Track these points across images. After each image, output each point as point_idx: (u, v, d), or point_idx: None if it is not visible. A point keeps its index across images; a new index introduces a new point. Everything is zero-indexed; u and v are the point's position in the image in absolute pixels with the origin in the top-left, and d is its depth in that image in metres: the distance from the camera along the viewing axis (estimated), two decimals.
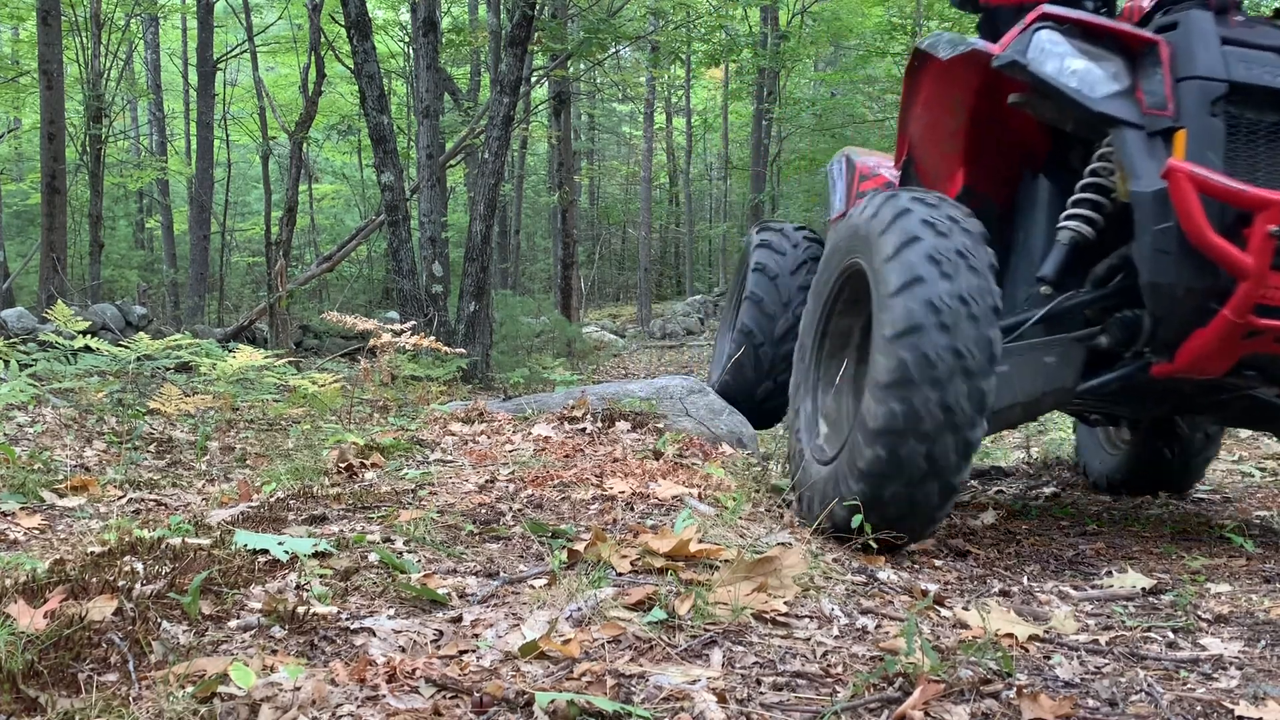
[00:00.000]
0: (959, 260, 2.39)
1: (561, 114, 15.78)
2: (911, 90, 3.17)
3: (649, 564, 2.02)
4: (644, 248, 22.36)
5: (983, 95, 2.91)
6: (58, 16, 11.24)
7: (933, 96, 3.09)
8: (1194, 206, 2.32)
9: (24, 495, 3.11)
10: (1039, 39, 2.60)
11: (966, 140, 3.03)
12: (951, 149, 3.09)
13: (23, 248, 18.33)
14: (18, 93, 15.98)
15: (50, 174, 10.66)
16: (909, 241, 2.41)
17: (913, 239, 2.41)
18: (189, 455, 4.27)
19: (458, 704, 1.35)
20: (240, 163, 24.66)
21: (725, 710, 1.37)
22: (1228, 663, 1.76)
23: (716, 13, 14.13)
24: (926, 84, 3.09)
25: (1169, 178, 2.37)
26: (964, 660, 1.60)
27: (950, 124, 3.06)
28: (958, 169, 3.08)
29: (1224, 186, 2.33)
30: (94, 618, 1.52)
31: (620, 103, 27.40)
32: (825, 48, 21.73)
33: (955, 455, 2.33)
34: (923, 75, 3.09)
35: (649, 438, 3.52)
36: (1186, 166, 2.34)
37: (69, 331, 5.23)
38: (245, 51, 15.51)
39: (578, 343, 13.65)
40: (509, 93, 8.46)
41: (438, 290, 8.60)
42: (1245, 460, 4.61)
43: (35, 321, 8.67)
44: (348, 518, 2.34)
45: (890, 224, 2.48)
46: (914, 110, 3.20)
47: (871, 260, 2.52)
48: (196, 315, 13.87)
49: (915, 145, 3.29)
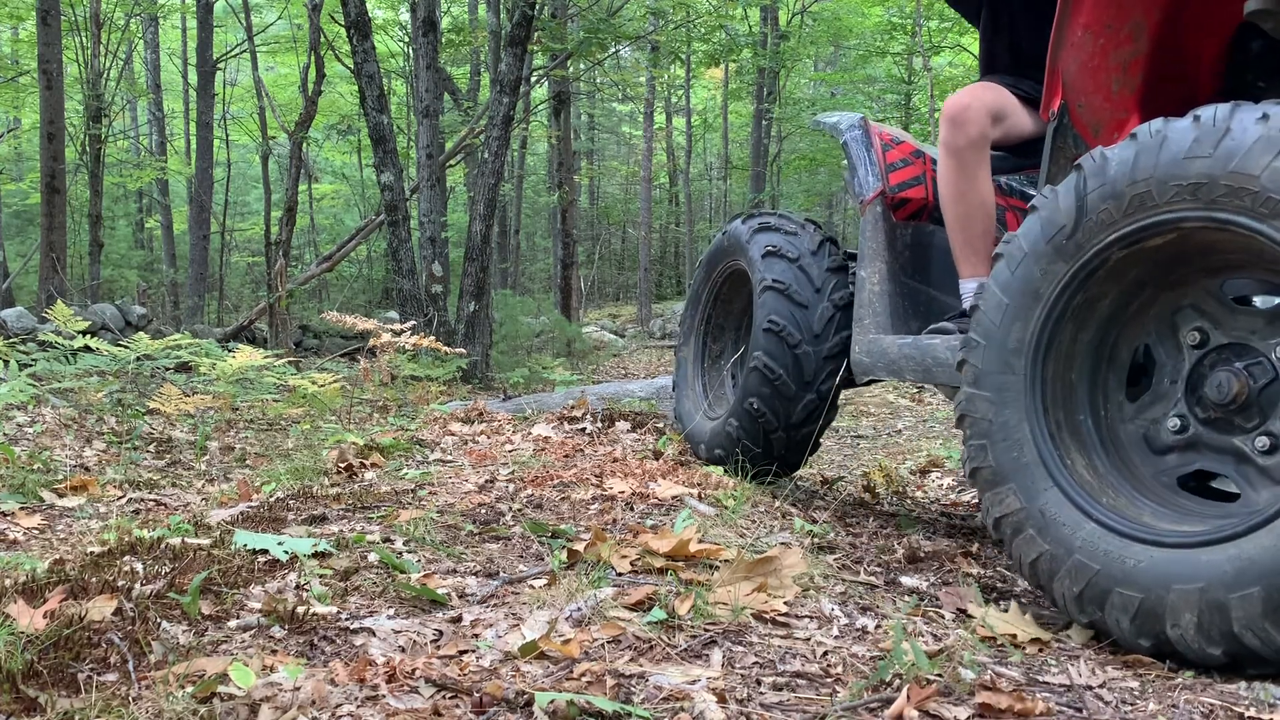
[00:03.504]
0: None
1: (561, 114, 15.79)
2: (1069, 10, 2.34)
3: (649, 564, 2.02)
4: (644, 248, 22.36)
5: (1173, 9, 2.23)
6: (57, 16, 11.24)
7: (1103, 14, 2.32)
8: None
9: (24, 495, 3.11)
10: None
11: (1146, 73, 2.30)
12: (1124, 86, 2.35)
13: (23, 248, 18.34)
14: (17, 93, 15.99)
15: (50, 174, 10.66)
16: None
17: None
18: (189, 455, 4.27)
19: (457, 704, 1.34)
20: (240, 163, 24.67)
21: (725, 710, 1.37)
22: None
23: (716, 13, 14.13)
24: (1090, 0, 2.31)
25: None
26: (961, 661, 1.60)
27: (1125, 52, 2.32)
28: (1132, 114, 2.37)
29: None
30: (94, 618, 1.51)
31: (620, 103, 27.42)
32: (825, 48, 21.75)
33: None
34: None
35: (649, 438, 3.52)
36: None
37: (69, 331, 5.23)
38: (245, 51, 15.51)
39: (578, 343, 13.65)
40: (509, 92, 8.46)
41: (438, 290, 8.60)
42: None
43: (35, 321, 8.67)
44: (347, 518, 2.34)
45: None
46: (1071, 36, 2.37)
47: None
48: (196, 315, 13.88)
49: (1070, 85, 2.46)
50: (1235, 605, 1.59)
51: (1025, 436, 1.99)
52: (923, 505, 3.54)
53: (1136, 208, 1.86)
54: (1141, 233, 1.87)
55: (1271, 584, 1.56)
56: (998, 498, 2.02)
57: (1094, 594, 1.80)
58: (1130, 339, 2.05)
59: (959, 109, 2.81)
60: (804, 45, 19.54)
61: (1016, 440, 2.00)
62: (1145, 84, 2.31)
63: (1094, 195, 1.93)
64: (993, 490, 2.03)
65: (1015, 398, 2.02)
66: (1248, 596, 1.58)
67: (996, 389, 2.06)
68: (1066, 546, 1.86)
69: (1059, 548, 1.87)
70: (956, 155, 2.81)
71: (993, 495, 2.03)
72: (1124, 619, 1.74)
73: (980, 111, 2.79)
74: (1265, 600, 1.56)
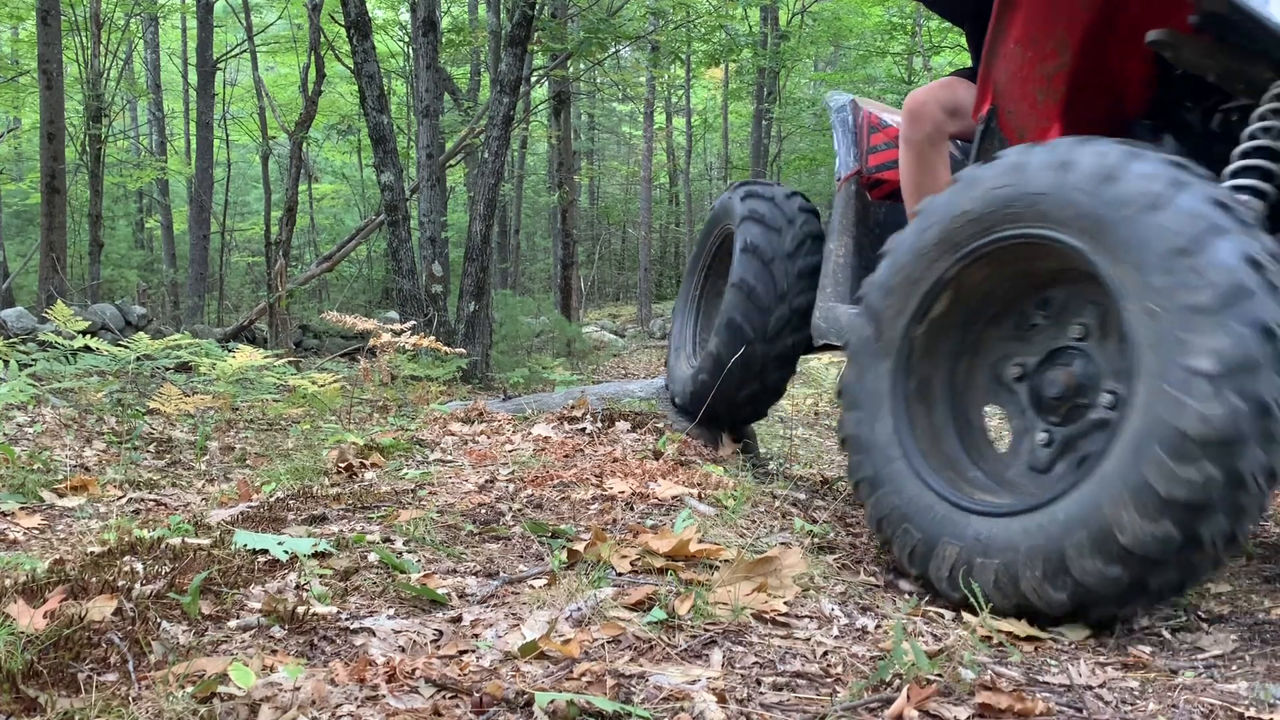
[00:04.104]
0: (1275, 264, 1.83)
1: (561, 114, 15.79)
2: (1004, 22, 2.57)
3: (649, 564, 2.02)
4: (644, 248, 22.36)
5: (1096, 30, 2.40)
6: (57, 16, 11.24)
7: (1032, 30, 2.52)
8: None
9: (24, 495, 3.12)
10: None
11: (1069, 87, 2.49)
12: (1048, 96, 2.54)
13: (23, 248, 18.34)
14: (17, 93, 15.98)
15: (50, 174, 10.66)
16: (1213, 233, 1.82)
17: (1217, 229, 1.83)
18: (189, 455, 4.27)
19: (457, 704, 1.34)
20: (240, 162, 24.67)
21: (725, 710, 1.37)
22: (1230, 664, 1.76)
23: (716, 13, 14.13)
24: (1023, 16, 2.53)
25: None
26: (961, 661, 1.60)
27: (1050, 66, 2.51)
28: (1054, 122, 2.55)
29: None
30: (94, 618, 1.51)
31: (620, 103, 27.41)
32: (825, 48, 21.75)
33: (1252, 522, 1.84)
34: (1019, 5, 2.53)
35: (649, 438, 3.52)
36: None
37: (68, 331, 5.23)
38: (245, 51, 15.52)
39: (578, 343, 13.65)
40: (509, 92, 8.46)
41: (437, 290, 8.60)
42: None
43: (35, 321, 8.67)
44: (347, 518, 2.34)
45: (1197, 246, 1.81)
46: (1003, 48, 2.60)
47: (1134, 283, 1.86)
48: (196, 315, 13.88)
49: (1000, 92, 2.68)
50: (1024, 567, 1.90)
51: (885, 406, 2.27)
52: None
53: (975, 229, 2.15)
54: (981, 248, 2.15)
55: (1046, 548, 1.87)
56: (857, 463, 2.30)
57: (924, 551, 2.09)
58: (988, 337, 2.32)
59: (916, 105, 3.01)
60: (804, 45, 19.53)
61: (877, 411, 2.28)
62: (1067, 96, 2.50)
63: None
64: (855, 456, 2.31)
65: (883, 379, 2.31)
66: (1031, 561, 1.89)
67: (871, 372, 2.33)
68: (910, 508, 2.16)
69: (906, 505, 2.17)
70: (914, 148, 3.01)
71: (854, 460, 2.32)
72: (943, 574, 2.04)
73: (934, 107, 2.97)
74: (1049, 561, 1.86)
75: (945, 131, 2.96)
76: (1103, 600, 1.84)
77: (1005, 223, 2.11)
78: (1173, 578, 1.81)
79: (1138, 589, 1.82)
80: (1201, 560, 1.78)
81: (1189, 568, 1.79)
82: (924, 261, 2.26)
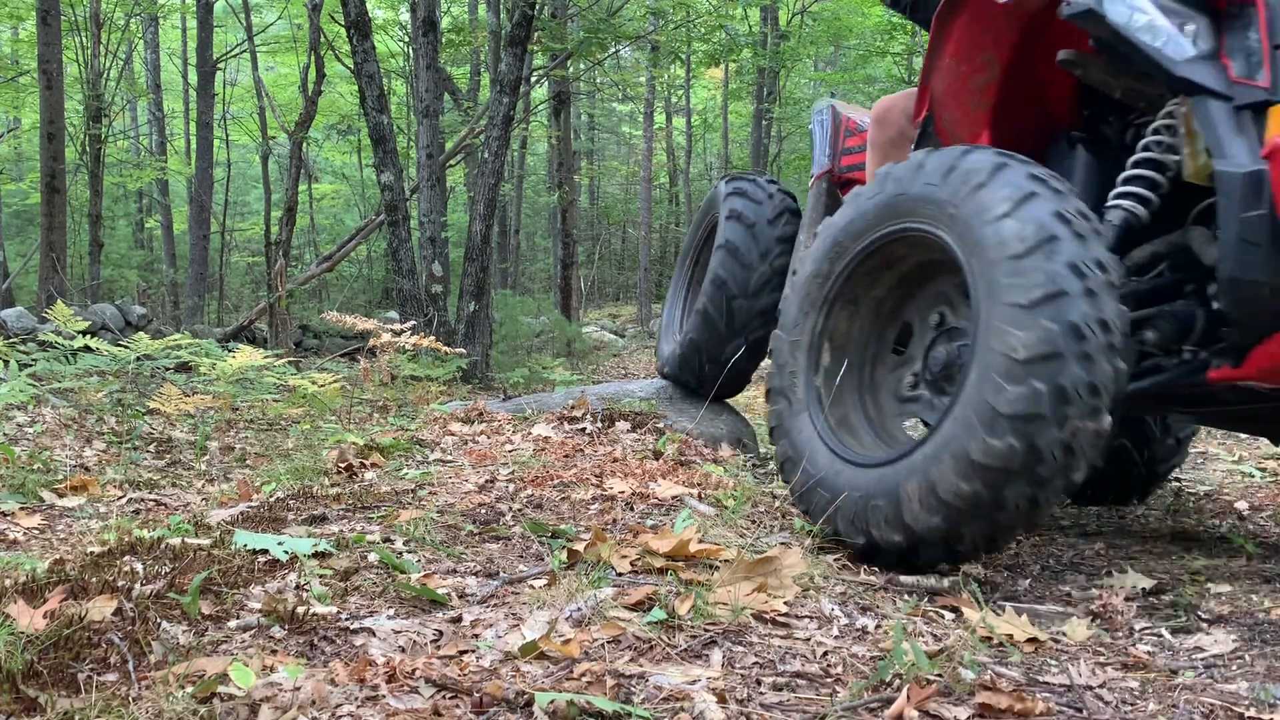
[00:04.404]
0: (1100, 274, 2.09)
1: (561, 114, 15.79)
2: (941, 38, 2.81)
3: (649, 564, 2.02)
4: (644, 248, 22.36)
5: (1021, 50, 2.64)
6: (57, 16, 11.24)
7: (965, 47, 2.77)
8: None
9: (24, 495, 3.11)
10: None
11: (997, 98, 2.74)
12: (979, 107, 2.79)
13: (23, 248, 18.33)
14: (17, 93, 15.98)
15: (50, 174, 10.66)
16: (1045, 242, 2.10)
17: (1050, 238, 2.12)
18: (189, 455, 4.27)
19: (458, 704, 1.34)
20: (240, 162, 24.66)
21: (725, 710, 1.37)
22: (1230, 664, 1.76)
23: (716, 13, 14.13)
24: (959, 31, 2.76)
25: (1273, 158, 2.07)
26: (961, 661, 1.60)
27: (981, 79, 2.76)
28: (983, 130, 2.80)
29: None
30: (94, 618, 1.51)
31: (620, 103, 27.40)
32: (825, 48, 21.74)
33: (1089, 444, 2.09)
34: (956, 21, 2.76)
35: (649, 438, 3.52)
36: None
37: (69, 331, 5.23)
38: (245, 51, 15.51)
39: (578, 343, 13.65)
40: (509, 92, 8.46)
41: (438, 290, 8.60)
42: (1245, 460, 4.61)
43: (35, 321, 8.67)
44: (348, 518, 2.34)
45: (1013, 210, 2.15)
46: (940, 61, 2.84)
47: (972, 245, 2.20)
48: (196, 315, 13.87)
49: (937, 100, 2.93)
50: (875, 509, 2.24)
51: (801, 369, 2.61)
52: None
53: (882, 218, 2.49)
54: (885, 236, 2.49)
55: (890, 496, 2.21)
56: (775, 411, 2.64)
57: (823, 503, 2.38)
58: (899, 318, 2.64)
59: (883, 110, 3.25)
60: (804, 45, 19.52)
61: (793, 373, 2.63)
62: (996, 106, 2.78)
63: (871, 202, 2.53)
64: (772, 403, 2.65)
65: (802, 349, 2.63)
66: (875, 505, 2.23)
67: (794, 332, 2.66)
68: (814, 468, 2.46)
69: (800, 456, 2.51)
70: (880, 150, 3.23)
71: (773, 409, 2.65)
72: (843, 521, 2.33)
73: (899, 113, 3.20)
74: (887, 507, 2.21)
75: (909, 136, 3.10)
76: (967, 516, 2.10)
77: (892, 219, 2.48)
78: (1023, 490, 2.06)
79: (996, 502, 2.07)
80: (1043, 471, 2.03)
81: (1034, 480, 2.04)
82: (826, 263, 2.61)
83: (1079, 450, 2.04)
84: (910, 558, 2.22)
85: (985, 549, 2.21)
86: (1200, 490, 4.00)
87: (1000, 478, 2.03)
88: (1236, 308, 2.19)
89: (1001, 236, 2.12)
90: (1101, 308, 2.04)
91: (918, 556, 2.21)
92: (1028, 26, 2.59)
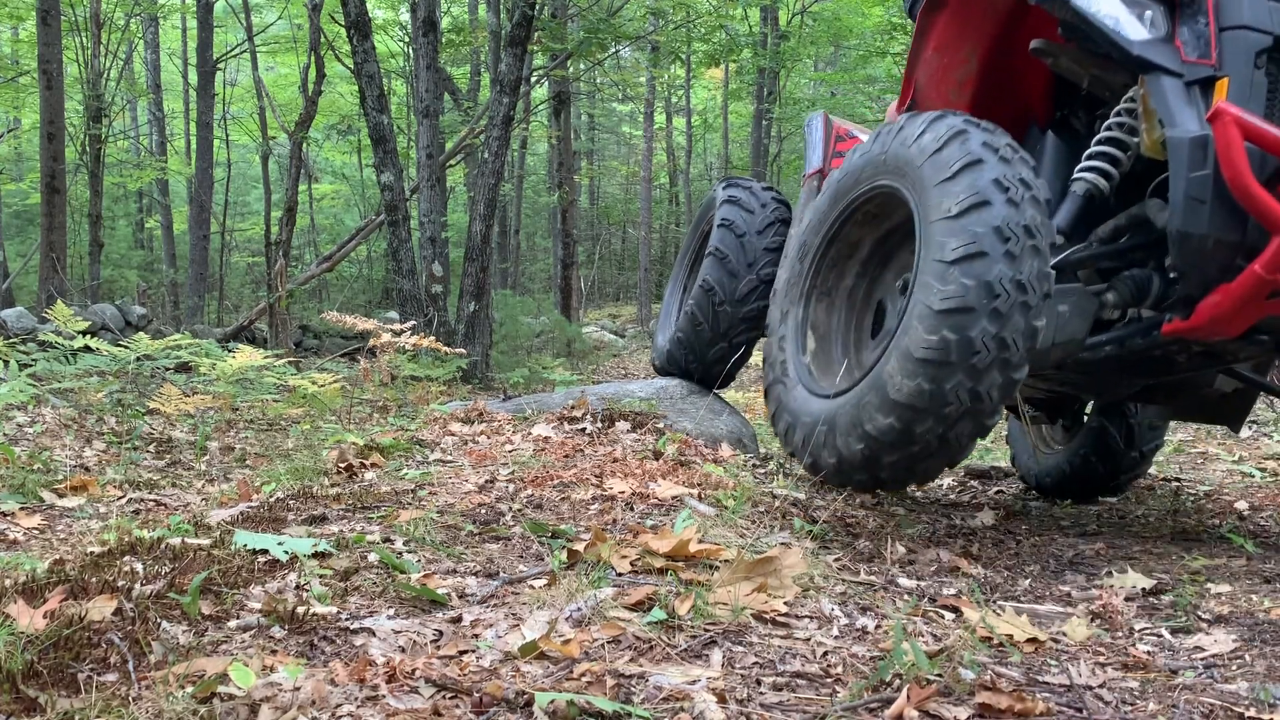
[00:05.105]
0: (1026, 239, 2.28)
1: (561, 114, 15.78)
2: (924, 33, 3.02)
3: (649, 564, 2.02)
4: (644, 248, 22.35)
5: (998, 44, 2.84)
6: (57, 16, 11.24)
7: (946, 41, 2.97)
8: (1238, 152, 2.23)
9: (24, 495, 3.11)
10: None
11: (975, 90, 2.95)
12: (959, 98, 2.99)
13: (23, 248, 18.33)
14: (18, 93, 15.98)
15: (50, 174, 10.66)
16: (977, 206, 2.30)
17: (983, 203, 2.31)
18: (189, 455, 4.27)
19: (457, 704, 1.34)
20: (240, 163, 24.65)
21: (725, 710, 1.37)
22: (1230, 664, 1.76)
23: (716, 13, 14.12)
24: (941, 27, 2.96)
25: (1215, 120, 2.26)
26: (961, 661, 1.60)
27: (961, 72, 2.96)
28: None
29: (1272, 134, 2.23)
30: (94, 618, 1.51)
31: (620, 103, 27.39)
32: (825, 48, 21.72)
33: (997, 392, 2.30)
34: (938, 17, 2.96)
35: (649, 438, 3.52)
36: (1234, 110, 2.24)
37: (69, 331, 5.23)
38: (245, 51, 15.51)
39: (578, 343, 13.64)
40: (509, 93, 8.46)
41: (438, 290, 8.60)
42: (1245, 460, 4.61)
43: (35, 321, 8.67)
44: (348, 518, 2.34)
45: (957, 174, 2.35)
46: (924, 54, 3.05)
47: (924, 205, 2.40)
48: (196, 315, 13.87)
49: (920, 91, 3.13)
50: (825, 434, 2.51)
51: (790, 331, 2.86)
52: (922, 505, 3.54)
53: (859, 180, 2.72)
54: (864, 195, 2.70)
55: (832, 423, 2.49)
56: (770, 352, 2.90)
57: (796, 435, 2.65)
58: (875, 291, 2.85)
59: (889, 114, 3.46)
60: (804, 45, 19.51)
61: (782, 336, 2.87)
62: (975, 97, 2.97)
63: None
64: (769, 372, 2.89)
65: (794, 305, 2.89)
66: (831, 431, 2.48)
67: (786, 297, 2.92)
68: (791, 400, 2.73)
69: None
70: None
71: (768, 374, 2.90)
72: (800, 445, 2.62)
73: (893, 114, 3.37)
74: (829, 433, 2.48)
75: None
76: (885, 447, 2.33)
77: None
78: (932, 427, 2.29)
79: (906, 436, 2.30)
80: (949, 412, 2.27)
81: (941, 419, 2.28)
82: (820, 216, 2.83)
83: (985, 396, 2.25)
84: (842, 479, 2.49)
85: (905, 479, 2.45)
86: (1200, 490, 4.01)
87: (911, 414, 2.28)
88: (1184, 261, 2.38)
89: (943, 196, 2.32)
90: (1020, 268, 2.24)
91: (848, 479, 2.46)
92: (1004, 22, 2.75)
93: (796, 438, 2.61)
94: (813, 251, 2.83)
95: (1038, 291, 2.26)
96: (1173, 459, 4.88)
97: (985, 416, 2.30)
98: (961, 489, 4.10)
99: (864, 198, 2.71)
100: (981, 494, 4.01)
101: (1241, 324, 2.43)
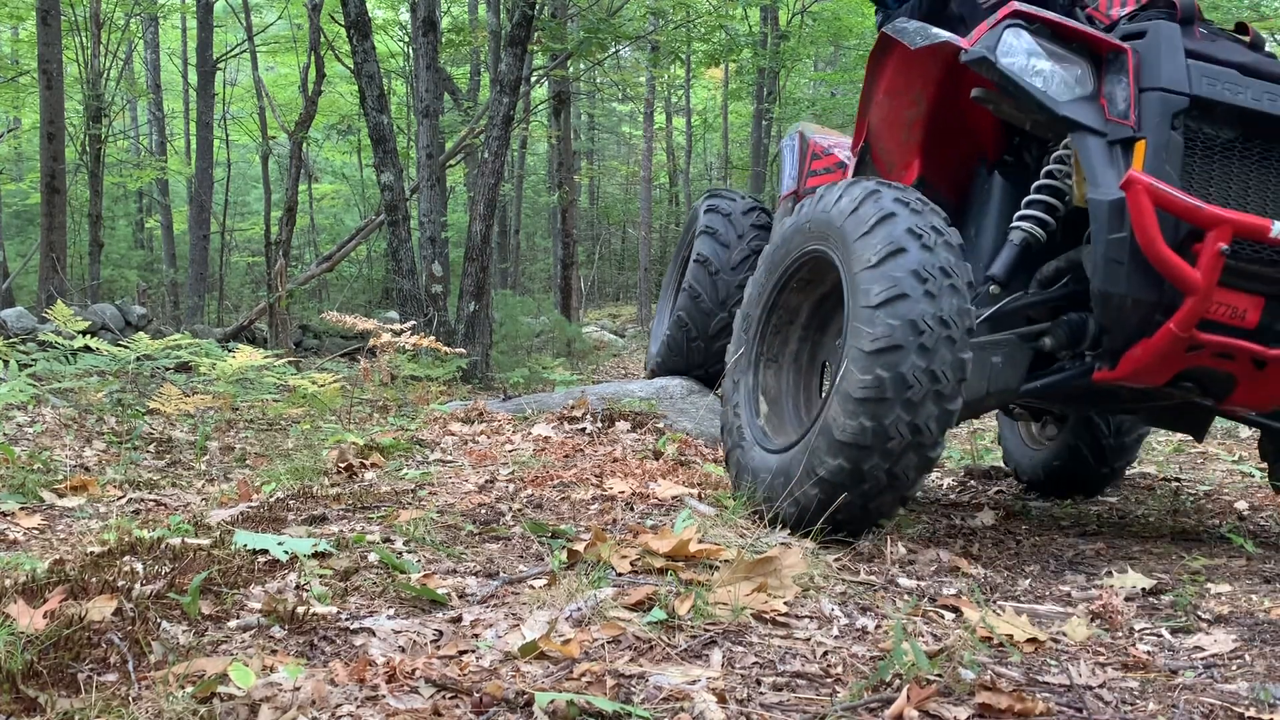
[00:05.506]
0: (944, 279, 2.39)
1: (561, 114, 15.77)
2: (874, 76, 3.14)
3: (649, 564, 2.02)
4: (644, 248, 22.35)
5: (945, 87, 2.92)
6: (57, 16, 11.24)
7: (895, 85, 3.07)
8: (1149, 219, 2.34)
9: (24, 495, 3.11)
10: (1008, 36, 2.61)
11: (925, 131, 3.04)
12: (909, 139, 3.09)
13: (23, 248, 18.33)
14: (18, 93, 15.97)
15: (50, 174, 10.66)
16: (894, 254, 2.42)
17: (899, 250, 2.43)
18: (189, 455, 4.27)
19: (457, 704, 1.34)
20: (240, 162, 24.64)
21: (725, 710, 1.37)
22: (1230, 664, 1.76)
23: (716, 13, 14.12)
24: (890, 71, 3.07)
25: (1127, 188, 2.38)
26: (961, 661, 1.60)
27: (910, 114, 3.06)
28: (914, 159, 3.08)
29: (1180, 202, 2.35)
30: (94, 618, 1.51)
31: (620, 103, 27.38)
32: (825, 48, 21.72)
33: (935, 424, 2.39)
34: (887, 62, 3.06)
35: (649, 438, 3.52)
36: (1146, 179, 2.36)
37: (69, 331, 5.23)
38: (245, 51, 15.51)
39: (578, 343, 13.63)
40: (509, 92, 8.46)
41: (438, 290, 8.59)
42: (1245, 460, 4.61)
43: (35, 321, 8.67)
44: (348, 518, 2.34)
45: (874, 228, 2.48)
46: (875, 97, 3.17)
47: (848, 260, 2.52)
48: (196, 315, 13.87)
49: (873, 132, 3.25)
50: (781, 485, 2.53)
51: (743, 399, 2.90)
52: (922, 505, 3.54)
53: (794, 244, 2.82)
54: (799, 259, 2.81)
55: (787, 473, 2.53)
56: (726, 419, 2.92)
57: (760, 491, 2.66)
58: (819, 354, 2.96)
59: (848, 151, 3.61)
60: (804, 45, 19.49)
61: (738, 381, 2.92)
62: (925, 138, 3.04)
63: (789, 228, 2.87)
64: (726, 438, 2.90)
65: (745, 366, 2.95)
66: (786, 480, 2.51)
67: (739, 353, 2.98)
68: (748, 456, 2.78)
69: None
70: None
71: (726, 440, 2.90)
72: (763, 500, 2.61)
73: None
74: (785, 483, 2.51)
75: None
76: (837, 488, 2.39)
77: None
78: (879, 464, 2.36)
79: (856, 475, 2.37)
80: (893, 446, 2.34)
81: (886, 454, 2.35)
82: (758, 289, 2.93)
83: (925, 429, 2.35)
84: (804, 527, 2.49)
85: (861, 519, 2.47)
86: (1200, 490, 4.01)
87: (857, 452, 2.36)
88: (1106, 317, 2.51)
89: (864, 249, 2.45)
90: (940, 306, 2.35)
91: (812, 523, 2.47)
92: (950, 66, 2.83)
93: (759, 495, 2.65)
94: (755, 322, 2.94)
95: (959, 326, 2.38)
96: (1173, 459, 4.88)
97: (928, 449, 2.39)
98: (961, 489, 4.10)
99: (796, 264, 2.83)
100: (981, 494, 4.01)
101: (1165, 374, 2.54)
